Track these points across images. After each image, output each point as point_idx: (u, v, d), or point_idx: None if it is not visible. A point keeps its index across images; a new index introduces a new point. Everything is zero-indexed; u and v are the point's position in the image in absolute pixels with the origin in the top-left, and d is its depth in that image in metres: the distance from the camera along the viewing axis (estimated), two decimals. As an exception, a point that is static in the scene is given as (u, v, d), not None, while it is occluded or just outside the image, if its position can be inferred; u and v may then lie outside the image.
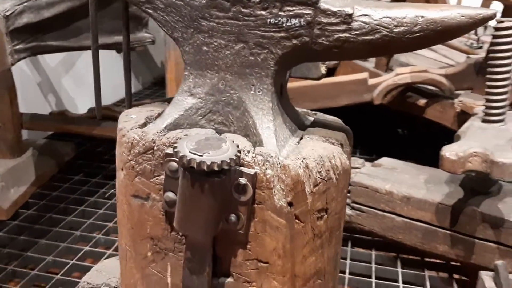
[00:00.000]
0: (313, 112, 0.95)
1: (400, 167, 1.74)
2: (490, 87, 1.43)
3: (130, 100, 1.01)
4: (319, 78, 0.99)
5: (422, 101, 2.13)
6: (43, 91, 2.66)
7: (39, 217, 1.81)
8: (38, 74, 2.60)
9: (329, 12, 0.72)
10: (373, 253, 1.70)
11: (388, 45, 0.72)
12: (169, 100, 0.89)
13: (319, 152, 0.76)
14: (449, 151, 1.30)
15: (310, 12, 0.72)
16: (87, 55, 2.88)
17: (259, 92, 0.79)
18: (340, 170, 0.77)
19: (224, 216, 0.75)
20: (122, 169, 0.81)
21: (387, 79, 2.09)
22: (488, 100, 1.44)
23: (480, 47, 2.70)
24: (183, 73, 0.82)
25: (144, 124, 0.83)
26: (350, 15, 0.71)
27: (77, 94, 2.87)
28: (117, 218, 0.90)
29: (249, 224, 0.76)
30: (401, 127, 2.91)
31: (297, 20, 0.73)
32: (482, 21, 0.68)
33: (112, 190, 2.03)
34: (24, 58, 1.39)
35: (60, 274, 1.51)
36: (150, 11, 0.80)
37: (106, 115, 2.50)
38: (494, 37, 1.39)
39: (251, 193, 0.73)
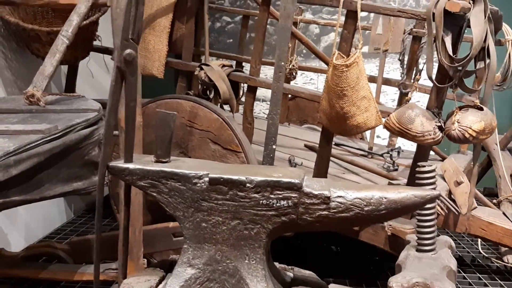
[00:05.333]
0: (290, 267, 1.07)
1: (348, 294, 1.87)
2: (420, 221, 1.64)
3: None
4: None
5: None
6: (-26, 229, 2.55)
7: None
8: (-29, 212, 2.52)
9: (311, 195, 0.88)
10: None
11: (360, 219, 0.88)
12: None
13: (310, 314, 0.87)
14: (395, 283, 1.45)
15: (296, 195, 0.88)
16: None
17: (252, 261, 0.90)
18: (328, 328, 0.89)
19: None
20: None
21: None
22: (419, 232, 1.65)
23: (396, 170, 3.04)
24: (183, 246, 0.92)
25: (148, 296, 0.90)
26: (329, 197, 0.88)
27: (11, 230, 2.78)
28: None
29: None
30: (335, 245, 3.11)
31: (285, 202, 0.88)
32: (431, 200, 0.87)
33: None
34: (-11, 216, 1.40)
35: None
36: (154, 194, 0.92)
37: (47, 252, 2.44)
38: (418, 178, 1.64)
39: None
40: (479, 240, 3.19)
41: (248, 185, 0.89)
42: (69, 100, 1.94)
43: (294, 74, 3.70)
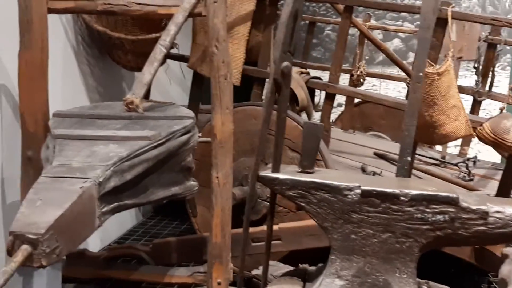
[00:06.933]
0: (424, 281, 1.06)
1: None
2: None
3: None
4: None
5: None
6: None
7: None
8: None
9: (468, 210, 0.87)
10: None
11: (518, 235, 0.86)
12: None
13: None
14: (506, 298, 1.42)
15: (453, 210, 0.87)
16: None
17: (404, 275, 0.90)
18: None
19: None
20: None
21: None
22: (525, 247, 1.61)
23: (471, 180, 2.97)
24: (330, 257, 0.93)
25: (300, 306, 0.91)
26: (487, 213, 0.86)
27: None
28: None
29: None
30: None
31: (441, 216, 0.87)
32: None
33: None
34: (106, 220, 1.46)
35: None
36: (303, 204, 0.93)
37: (129, 253, 2.51)
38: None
39: None
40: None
41: (402, 198, 0.89)
42: (163, 107, 1.99)
43: (361, 80, 3.68)
